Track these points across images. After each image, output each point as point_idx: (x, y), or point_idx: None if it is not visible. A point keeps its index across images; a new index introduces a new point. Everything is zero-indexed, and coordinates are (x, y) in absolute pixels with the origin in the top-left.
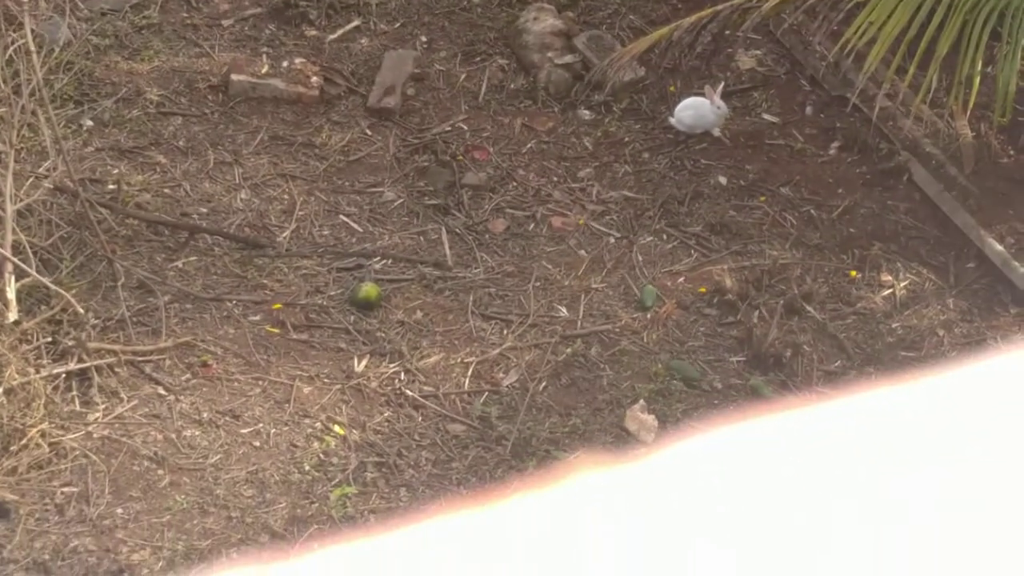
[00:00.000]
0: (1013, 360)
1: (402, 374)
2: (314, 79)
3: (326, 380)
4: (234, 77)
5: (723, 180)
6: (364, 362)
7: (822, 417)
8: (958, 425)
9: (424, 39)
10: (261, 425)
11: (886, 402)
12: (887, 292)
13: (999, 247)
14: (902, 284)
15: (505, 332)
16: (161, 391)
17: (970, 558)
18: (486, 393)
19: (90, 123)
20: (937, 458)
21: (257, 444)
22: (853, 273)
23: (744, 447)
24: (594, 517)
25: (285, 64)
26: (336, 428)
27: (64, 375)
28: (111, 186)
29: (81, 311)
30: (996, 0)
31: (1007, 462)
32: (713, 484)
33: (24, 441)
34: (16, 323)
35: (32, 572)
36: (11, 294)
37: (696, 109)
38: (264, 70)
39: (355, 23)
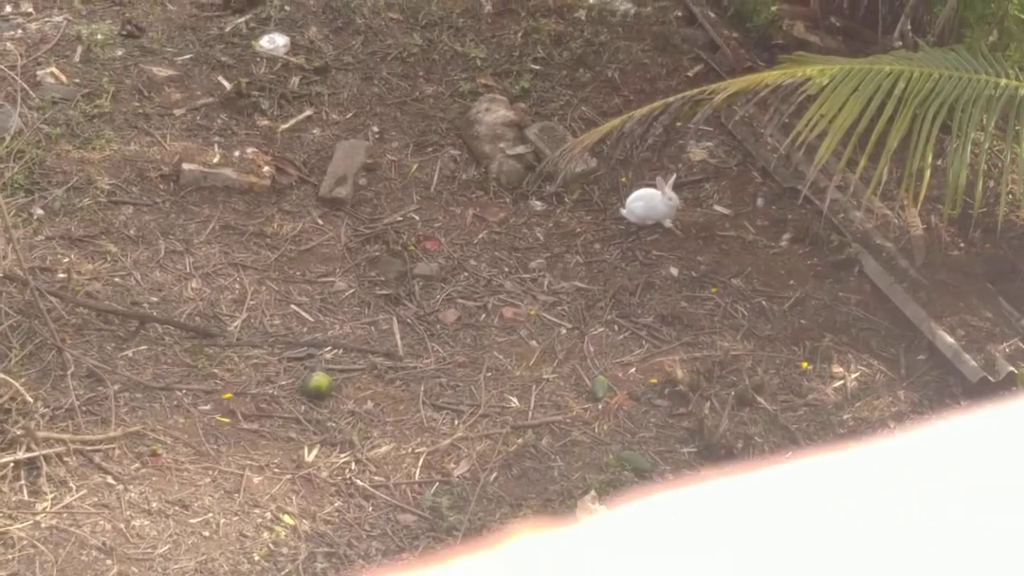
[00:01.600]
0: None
1: (353, 464)
2: (266, 169)
3: (276, 470)
4: (185, 166)
5: (675, 271)
6: (315, 452)
7: (768, 480)
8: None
9: (376, 129)
10: (211, 515)
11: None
12: (838, 384)
13: (950, 339)
14: (853, 376)
15: (456, 422)
16: (110, 480)
17: None
18: (437, 483)
19: (41, 212)
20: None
21: (207, 534)
22: (804, 365)
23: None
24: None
25: (237, 153)
26: (286, 518)
27: (12, 464)
28: (61, 275)
29: (30, 400)
30: (946, 94)
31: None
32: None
33: None
34: None
35: None
36: None
37: (647, 200)
38: (216, 159)
39: (307, 113)
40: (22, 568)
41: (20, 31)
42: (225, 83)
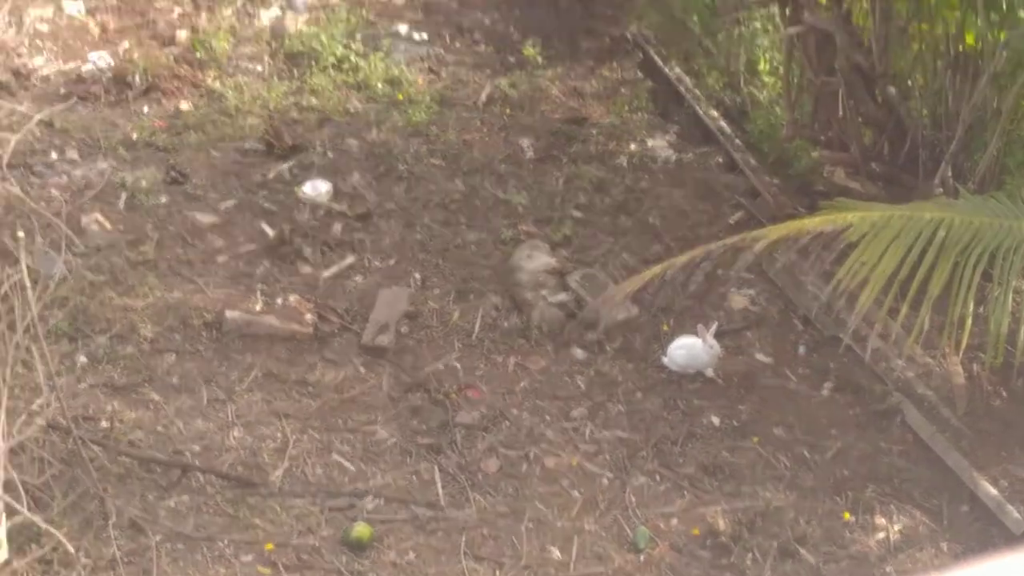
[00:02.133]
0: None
1: None
2: (308, 316)
3: None
4: (228, 314)
5: (716, 420)
6: None
7: None
8: None
9: (418, 277)
10: None
11: None
12: (881, 535)
13: (993, 490)
14: (896, 527)
15: (498, 574)
16: None
17: None
18: None
19: (84, 359)
20: None
21: None
22: (847, 515)
23: None
24: None
25: (279, 301)
26: None
27: None
28: (104, 423)
29: (72, 550)
30: (986, 242)
31: None
32: None
33: None
34: (6, 562)
35: None
36: (2, 533)
37: (689, 349)
38: (258, 307)
39: (349, 260)
40: None
41: (65, 177)
42: (268, 230)
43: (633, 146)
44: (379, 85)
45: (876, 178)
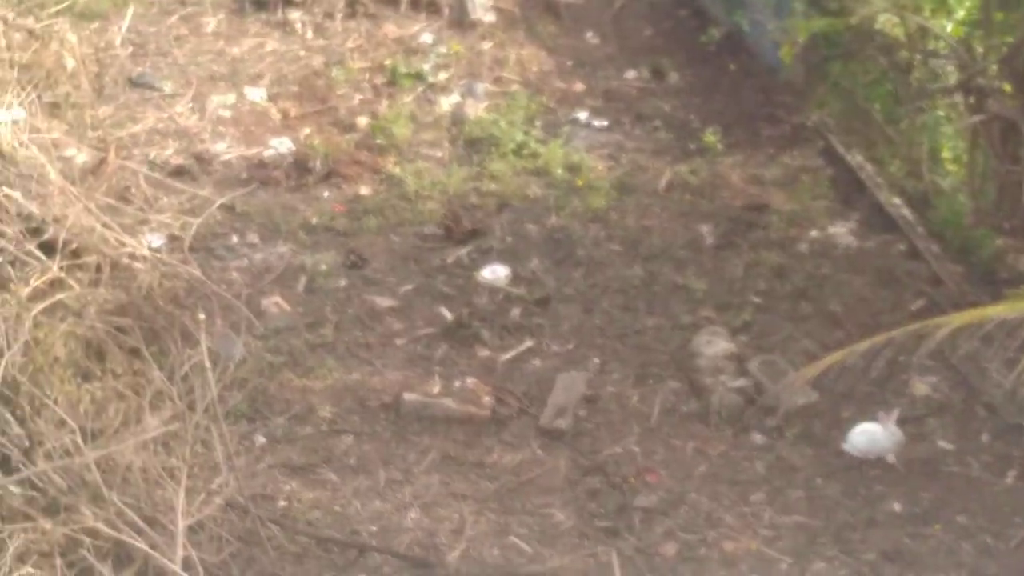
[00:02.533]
0: None
1: None
2: (486, 399)
3: None
4: (406, 396)
5: (897, 507)
6: None
7: None
8: None
9: (597, 361)
10: None
11: None
12: None
13: None
14: None
15: None
16: None
17: None
18: None
19: (263, 440)
20: None
21: None
22: None
23: None
24: None
25: (457, 384)
26: None
27: None
28: (282, 503)
29: None
30: None
31: None
32: None
33: None
34: None
35: None
36: None
37: (870, 435)
38: (436, 389)
39: (528, 344)
40: None
41: (246, 260)
42: (446, 313)
43: (814, 233)
44: (558, 171)
45: None
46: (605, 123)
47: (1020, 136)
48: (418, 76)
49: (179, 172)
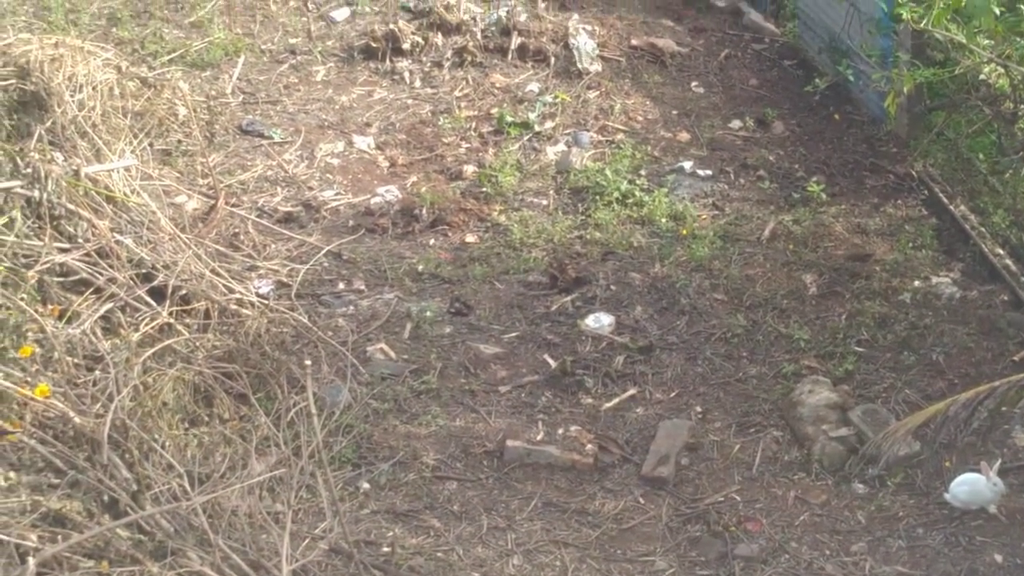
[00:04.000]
0: None
1: None
2: (589, 447)
3: None
4: (509, 443)
5: (999, 558)
6: None
7: None
8: None
9: (699, 409)
10: None
11: None
12: None
13: None
14: None
15: None
16: None
17: None
18: None
19: (367, 486)
20: None
21: None
22: None
23: None
24: None
25: (560, 431)
26: None
27: None
28: (385, 548)
29: None
30: None
31: None
32: None
33: None
34: None
35: None
36: None
37: (972, 485)
38: (539, 437)
39: (631, 392)
40: None
41: (352, 307)
42: (550, 361)
43: (917, 283)
44: (663, 220)
45: None
46: (709, 172)
47: None
48: (524, 125)
49: (287, 219)
